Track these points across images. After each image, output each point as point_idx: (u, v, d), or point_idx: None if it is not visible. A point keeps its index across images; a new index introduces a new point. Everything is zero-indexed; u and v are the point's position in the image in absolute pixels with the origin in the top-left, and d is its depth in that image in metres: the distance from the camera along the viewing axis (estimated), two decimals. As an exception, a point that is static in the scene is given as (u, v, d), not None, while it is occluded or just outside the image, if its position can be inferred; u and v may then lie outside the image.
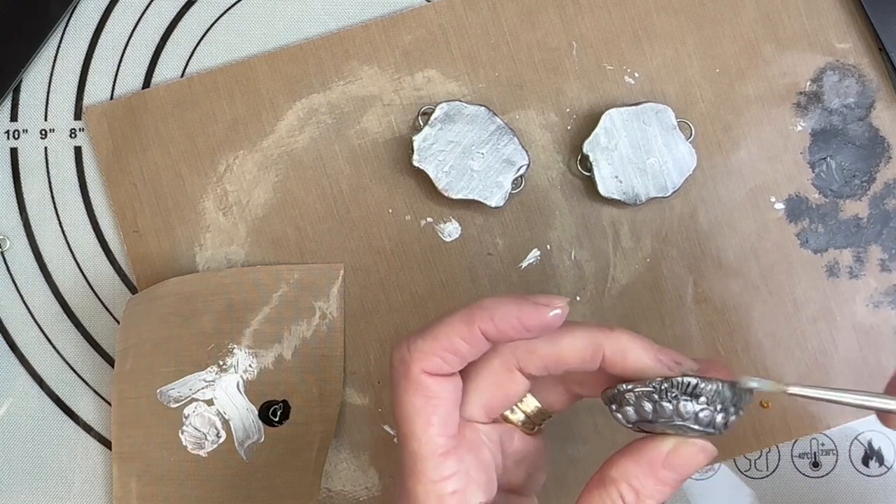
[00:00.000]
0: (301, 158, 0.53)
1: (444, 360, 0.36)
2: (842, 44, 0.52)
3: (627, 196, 0.51)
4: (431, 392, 0.36)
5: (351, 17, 0.53)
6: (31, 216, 0.54)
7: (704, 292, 0.52)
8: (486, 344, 0.36)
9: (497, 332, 0.36)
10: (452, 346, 0.36)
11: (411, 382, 0.36)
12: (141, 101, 0.53)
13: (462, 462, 0.37)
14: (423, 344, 0.36)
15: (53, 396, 0.53)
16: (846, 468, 0.52)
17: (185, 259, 0.53)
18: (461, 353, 0.36)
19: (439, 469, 0.36)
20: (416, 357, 0.36)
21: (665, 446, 0.36)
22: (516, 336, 0.36)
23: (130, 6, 0.54)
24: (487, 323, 0.36)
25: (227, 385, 0.51)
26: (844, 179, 0.52)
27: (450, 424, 0.37)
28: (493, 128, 0.51)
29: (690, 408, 0.35)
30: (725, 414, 0.35)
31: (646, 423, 0.36)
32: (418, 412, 0.36)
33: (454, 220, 0.52)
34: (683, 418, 0.35)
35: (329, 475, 0.52)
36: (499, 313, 0.36)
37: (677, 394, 0.35)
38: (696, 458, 0.36)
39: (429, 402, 0.36)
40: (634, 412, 0.36)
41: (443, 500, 0.36)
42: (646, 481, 0.35)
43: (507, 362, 0.38)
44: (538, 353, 0.38)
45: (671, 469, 0.36)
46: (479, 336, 0.36)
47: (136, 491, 0.51)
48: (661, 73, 0.52)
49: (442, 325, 0.36)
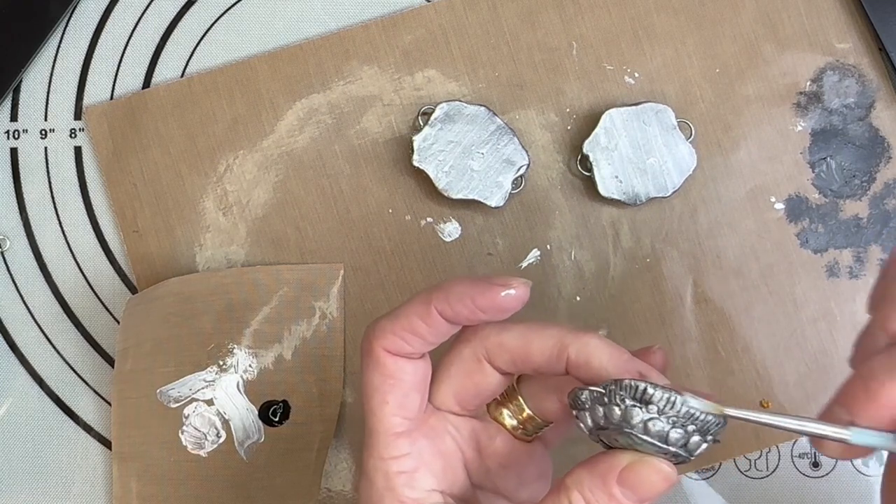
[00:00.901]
0: (301, 158, 0.53)
1: (403, 340, 0.36)
2: (842, 44, 0.52)
3: (627, 196, 0.51)
4: (388, 371, 0.37)
5: (351, 17, 0.53)
6: (31, 216, 0.54)
7: (704, 292, 0.52)
8: (445, 324, 0.36)
9: (452, 312, 0.36)
10: (411, 325, 0.36)
11: (371, 359, 0.37)
12: (141, 101, 0.53)
13: (415, 445, 0.37)
14: (384, 323, 0.37)
15: (53, 396, 0.53)
16: (846, 468, 0.52)
17: (185, 259, 0.53)
18: (419, 333, 0.36)
19: (390, 448, 0.37)
20: (377, 335, 0.37)
21: (621, 461, 0.34)
22: (471, 316, 0.36)
23: (130, 6, 0.54)
24: (443, 303, 0.36)
25: (227, 385, 0.51)
26: (844, 179, 0.52)
27: (407, 407, 0.37)
28: (493, 128, 0.51)
29: (638, 415, 0.33)
30: (685, 433, 0.33)
31: (603, 433, 0.35)
32: (375, 389, 0.37)
33: (454, 220, 0.52)
34: (632, 426, 0.33)
35: (329, 475, 0.52)
36: (453, 293, 0.36)
37: (625, 396, 0.33)
38: (651, 479, 0.34)
39: (385, 380, 0.37)
40: (589, 417, 0.35)
41: (389, 478, 0.37)
42: (598, 494, 0.34)
43: (477, 353, 0.38)
44: (506, 347, 0.37)
45: (625, 486, 0.34)
46: (436, 316, 0.36)
47: (136, 491, 0.51)
48: (661, 73, 0.52)
49: (403, 306, 0.37)
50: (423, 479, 0.37)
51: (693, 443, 0.34)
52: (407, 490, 0.37)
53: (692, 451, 0.34)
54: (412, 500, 0.37)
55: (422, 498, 0.37)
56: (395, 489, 0.37)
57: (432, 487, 0.38)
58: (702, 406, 0.33)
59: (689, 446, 0.34)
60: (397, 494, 0.37)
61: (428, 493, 0.37)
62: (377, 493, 0.37)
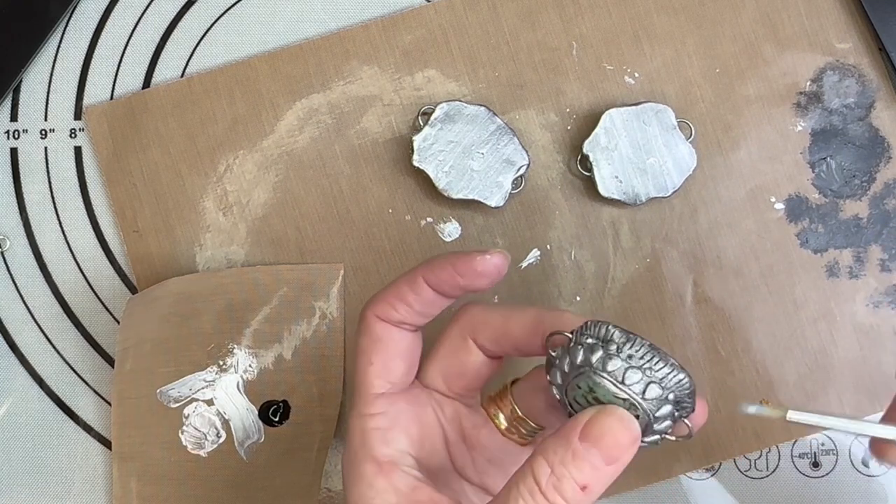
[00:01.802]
0: (301, 158, 0.53)
1: (391, 306, 0.39)
2: (842, 44, 0.52)
3: (627, 196, 0.51)
4: (376, 335, 0.39)
5: (351, 17, 0.53)
6: (31, 216, 0.54)
7: (704, 292, 0.52)
8: (430, 293, 0.39)
9: (435, 277, 0.38)
10: (399, 292, 0.39)
11: (363, 325, 0.40)
12: (141, 101, 0.53)
13: (393, 406, 0.39)
14: (377, 293, 0.40)
15: (53, 396, 0.53)
16: (846, 468, 0.52)
17: (185, 259, 0.53)
18: (406, 300, 0.39)
19: (369, 405, 0.39)
20: (370, 303, 0.40)
21: (582, 418, 0.34)
22: (450, 280, 0.38)
23: (130, 6, 0.54)
24: (427, 270, 0.39)
25: (227, 385, 0.51)
26: (844, 179, 0.52)
27: (391, 370, 0.39)
28: (493, 128, 0.51)
29: (600, 355, 0.33)
30: (643, 377, 0.33)
31: (571, 391, 0.35)
32: (363, 351, 0.40)
33: (454, 220, 0.52)
34: (592, 366, 0.33)
35: (329, 475, 0.52)
36: (437, 261, 0.39)
37: (588, 336, 0.34)
38: (612, 429, 0.33)
39: (372, 343, 0.39)
40: (558, 372, 0.35)
41: (365, 434, 0.38)
42: (563, 455, 0.33)
43: (463, 330, 0.40)
44: (489, 324, 0.40)
45: (587, 440, 0.33)
46: (421, 283, 0.39)
47: (136, 491, 0.51)
48: (661, 73, 0.52)
49: (395, 279, 0.40)
50: (397, 439, 0.39)
51: (653, 393, 0.33)
52: (380, 445, 0.38)
53: (654, 409, 0.33)
54: (385, 457, 0.38)
55: (395, 456, 0.38)
56: (368, 443, 0.38)
57: (406, 450, 0.39)
58: (758, 409, 0.34)
59: (648, 394, 0.33)
60: (370, 449, 0.38)
61: (401, 453, 0.38)
62: (352, 448, 0.38)
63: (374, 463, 0.38)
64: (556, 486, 0.33)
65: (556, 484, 0.33)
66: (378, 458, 0.38)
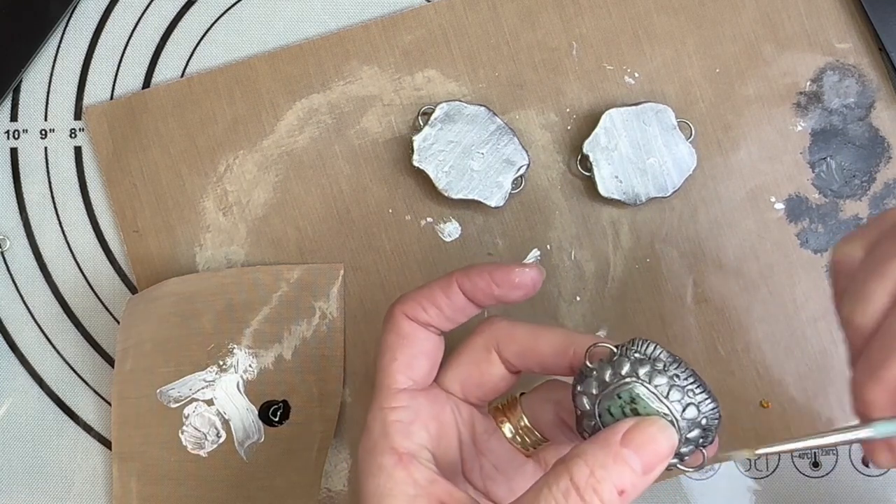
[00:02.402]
0: (301, 158, 0.53)
1: (421, 307, 0.40)
2: (842, 44, 0.52)
3: (627, 196, 0.51)
4: (403, 332, 0.40)
5: (351, 17, 0.53)
6: (31, 216, 0.54)
7: (704, 292, 0.52)
8: (463, 299, 0.39)
9: (470, 283, 0.39)
10: (431, 295, 0.39)
11: (390, 322, 0.40)
12: (141, 101, 0.53)
13: (414, 400, 0.39)
14: (409, 292, 0.40)
15: (53, 396, 0.53)
16: (846, 468, 0.52)
17: (185, 259, 0.53)
18: (438, 303, 0.39)
19: (391, 399, 0.39)
20: (400, 301, 0.40)
21: (623, 425, 0.34)
22: (486, 289, 0.39)
23: (130, 6, 0.54)
24: (463, 277, 0.39)
25: (227, 385, 0.51)
26: (844, 179, 0.52)
27: (413, 368, 0.40)
28: (493, 128, 0.51)
29: (647, 369, 0.34)
30: (688, 403, 0.34)
31: (606, 397, 0.35)
32: (388, 347, 0.40)
33: (454, 220, 0.52)
34: (640, 378, 0.34)
35: (329, 475, 0.52)
36: (474, 269, 0.39)
37: (636, 351, 0.35)
38: (655, 437, 0.34)
39: (398, 339, 0.40)
40: (594, 381, 0.35)
41: (386, 426, 0.39)
42: (603, 458, 0.33)
43: (488, 342, 0.40)
44: (516, 339, 0.40)
45: (630, 447, 0.34)
46: (455, 288, 0.39)
47: (136, 491, 0.51)
48: (661, 73, 0.52)
49: (429, 282, 0.40)
50: (417, 433, 0.39)
51: (690, 414, 0.35)
52: (400, 438, 0.38)
53: (686, 430, 0.35)
54: (404, 449, 0.38)
55: (414, 450, 0.38)
56: (389, 435, 0.38)
57: (425, 444, 0.39)
58: (728, 455, 0.35)
59: (686, 414, 0.34)
60: (390, 440, 0.38)
61: (420, 447, 0.39)
62: (372, 440, 0.39)
63: (393, 454, 0.38)
64: (595, 488, 0.33)
65: (596, 486, 0.33)
66: (398, 450, 0.38)
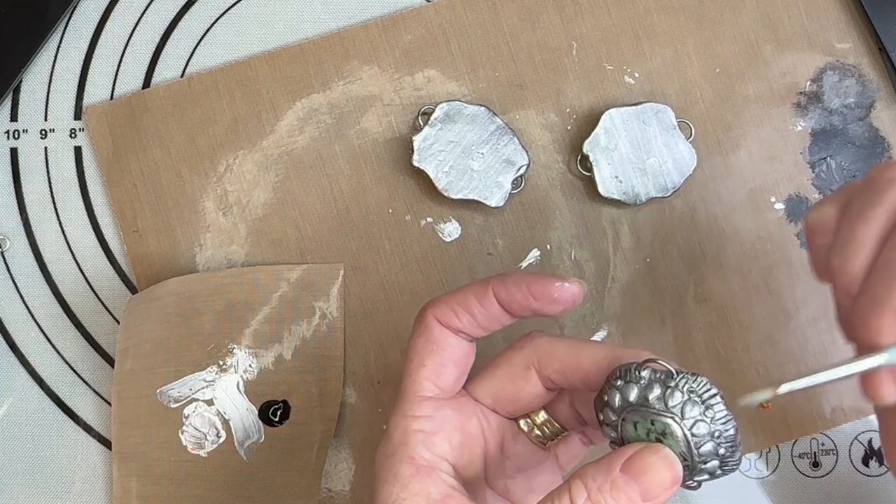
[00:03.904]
0: (301, 158, 0.53)
1: (454, 313, 0.38)
2: (842, 44, 0.52)
3: (627, 196, 0.51)
4: (433, 337, 0.39)
5: (351, 17, 0.53)
6: (31, 216, 0.54)
7: (704, 292, 0.52)
8: (498, 308, 0.38)
9: (507, 294, 0.38)
10: (466, 301, 0.38)
11: (421, 326, 0.39)
12: (141, 101, 0.53)
13: (440, 411, 0.38)
14: (442, 297, 0.39)
15: (53, 396, 0.53)
16: (846, 468, 0.52)
17: (185, 259, 0.53)
18: (471, 311, 0.38)
19: (414, 407, 0.38)
20: (432, 305, 0.39)
21: (628, 450, 0.35)
22: (523, 302, 0.38)
23: (130, 6, 0.54)
24: (500, 285, 0.38)
25: (227, 385, 0.51)
26: (844, 179, 0.52)
27: (442, 376, 0.39)
28: (493, 128, 0.51)
29: (694, 413, 0.34)
30: (712, 431, 0.34)
31: (629, 417, 0.35)
32: (417, 352, 0.39)
33: (454, 220, 0.52)
34: (683, 418, 0.34)
35: (329, 475, 0.52)
36: (511, 279, 0.38)
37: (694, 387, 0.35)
38: (655, 467, 0.34)
39: (428, 345, 0.39)
40: (635, 397, 0.35)
41: (407, 434, 0.38)
42: (601, 482, 0.34)
43: (528, 360, 0.39)
44: (558, 356, 0.38)
45: (628, 473, 0.34)
46: (490, 297, 0.38)
47: (136, 491, 0.51)
48: (661, 73, 0.52)
49: (464, 286, 0.39)
50: (439, 444, 0.38)
51: (707, 449, 0.34)
52: (421, 448, 0.37)
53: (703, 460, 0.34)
54: (423, 460, 0.37)
55: (433, 461, 0.37)
56: (409, 445, 0.37)
57: (446, 456, 0.38)
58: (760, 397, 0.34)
59: (703, 449, 0.34)
60: (410, 450, 0.37)
61: (440, 459, 0.38)
62: (391, 446, 0.38)
63: (411, 464, 0.37)
64: None
65: None
66: (416, 460, 0.37)
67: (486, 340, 0.40)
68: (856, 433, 0.52)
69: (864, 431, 0.52)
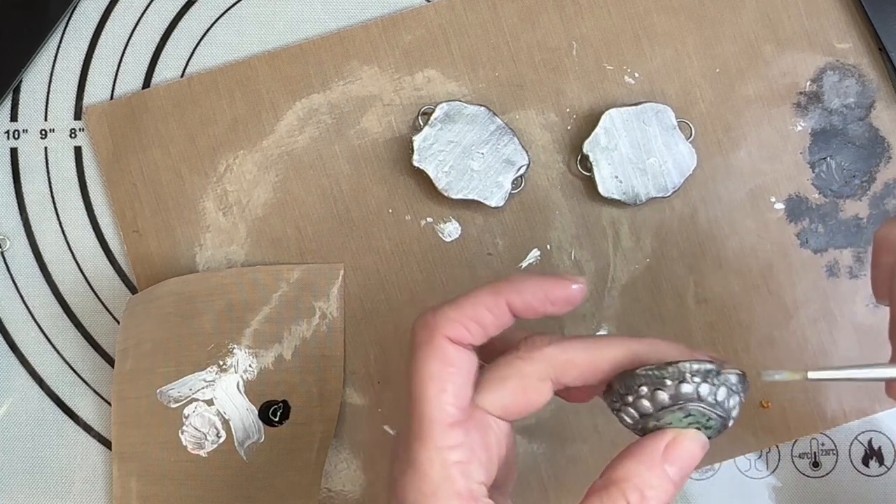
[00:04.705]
0: (301, 158, 0.53)
1: (467, 329, 0.37)
2: (842, 44, 0.52)
3: (627, 196, 0.51)
4: (450, 359, 0.37)
5: (351, 17, 0.53)
6: (31, 216, 0.54)
7: (704, 292, 0.52)
8: (509, 317, 0.37)
9: (523, 304, 0.37)
10: (477, 315, 0.37)
11: (433, 348, 0.37)
12: (141, 101, 0.53)
13: (468, 436, 0.37)
14: (449, 312, 0.37)
15: (53, 396, 0.53)
16: (846, 468, 0.52)
17: (185, 259, 0.53)
18: (485, 324, 0.37)
19: (446, 436, 0.36)
20: (442, 323, 0.37)
21: (662, 440, 0.36)
22: (540, 308, 0.37)
23: (130, 6, 0.54)
24: (514, 295, 0.37)
25: (227, 385, 0.51)
26: (844, 179, 0.52)
27: (461, 397, 0.37)
28: (493, 128, 0.51)
29: (706, 390, 0.36)
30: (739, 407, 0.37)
31: (650, 417, 0.36)
32: (434, 377, 0.36)
33: (454, 220, 0.52)
34: (705, 401, 0.36)
35: (329, 475, 0.52)
36: (525, 286, 0.37)
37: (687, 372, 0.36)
38: (693, 449, 0.36)
39: (446, 368, 0.37)
40: (648, 399, 0.36)
41: (447, 468, 0.36)
42: (649, 478, 0.35)
43: (542, 373, 0.38)
44: (576, 363, 0.38)
45: (670, 462, 0.36)
46: (504, 308, 0.37)
47: (136, 491, 0.51)
48: (661, 73, 0.52)
49: (469, 297, 0.37)
50: (475, 471, 0.37)
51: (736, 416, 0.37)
52: (462, 480, 0.36)
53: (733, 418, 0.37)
54: (467, 492, 0.36)
55: (475, 490, 0.36)
56: (452, 479, 0.36)
57: (482, 480, 0.37)
58: (786, 377, 0.36)
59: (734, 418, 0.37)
60: (454, 485, 0.36)
61: (479, 484, 0.37)
62: (431, 483, 0.36)
63: (458, 499, 0.36)
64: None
65: None
66: (462, 494, 0.36)
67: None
68: (856, 433, 0.52)
69: (864, 431, 0.52)
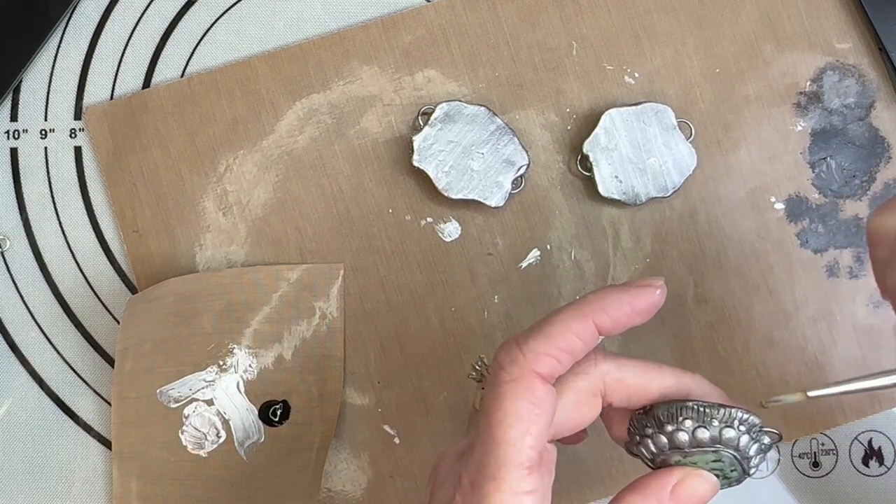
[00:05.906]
0: (301, 158, 0.53)
1: (558, 361, 0.35)
2: (842, 44, 0.52)
3: (627, 196, 0.51)
4: (538, 399, 0.34)
5: (351, 17, 0.53)
6: (31, 216, 0.54)
7: (704, 292, 0.52)
8: (597, 339, 0.36)
9: (611, 321, 0.35)
10: (568, 344, 0.35)
11: (522, 385, 0.34)
12: (141, 101, 0.53)
13: (542, 481, 0.35)
14: (536, 344, 0.34)
15: (53, 396, 0.53)
16: (846, 468, 0.52)
17: (185, 259, 0.53)
18: (576, 352, 0.35)
19: (522, 482, 0.34)
20: (531, 358, 0.34)
21: (672, 478, 0.36)
22: (629, 323, 0.36)
23: (130, 6, 0.54)
24: (601, 314, 0.35)
25: (227, 385, 0.51)
26: (844, 179, 0.52)
27: (542, 439, 0.35)
28: (493, 128, 0.51)
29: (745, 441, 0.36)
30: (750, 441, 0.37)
31: (678, 452, 0.36)
32: (520, 418, 0.34)
33: (454, 220, 0.52)
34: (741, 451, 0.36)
35: (329, 475, 0.52)
36: (609, 302, 0.35)
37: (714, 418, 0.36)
38: (703, 490, 0.36)
39: (533, 409, 0.34)
40: (688, 433, 0.36)
41: None
42: None
43: (594, 387, 0.37)
44: (626, 384, 0.37)
45: (677, 501, 0.35)
46: (592, 331, 0.35)
47: (136, 491, 0.51)
48: (661, 73, 0.52)
49: (554, 324, 0.35)
50: None
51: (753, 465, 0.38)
52: None
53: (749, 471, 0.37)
54: None
55: None
56: None
57: None
58: (788, 399, 0.36)
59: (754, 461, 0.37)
60: None
61: None
62: None
63: None
64: None
65: None
66: None
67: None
68: (856, 433, 0.52)
69: (864, 431, 0.52)
